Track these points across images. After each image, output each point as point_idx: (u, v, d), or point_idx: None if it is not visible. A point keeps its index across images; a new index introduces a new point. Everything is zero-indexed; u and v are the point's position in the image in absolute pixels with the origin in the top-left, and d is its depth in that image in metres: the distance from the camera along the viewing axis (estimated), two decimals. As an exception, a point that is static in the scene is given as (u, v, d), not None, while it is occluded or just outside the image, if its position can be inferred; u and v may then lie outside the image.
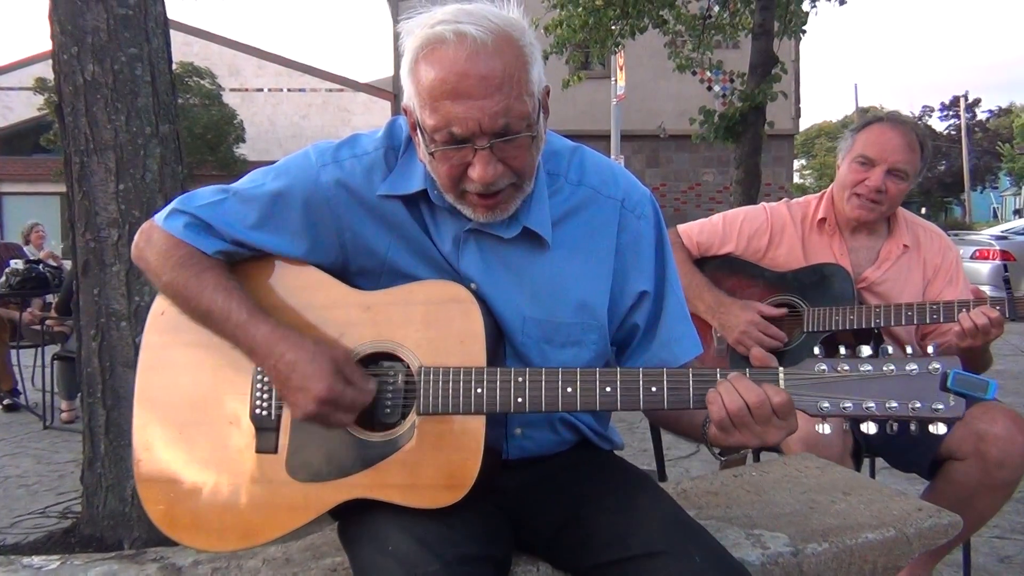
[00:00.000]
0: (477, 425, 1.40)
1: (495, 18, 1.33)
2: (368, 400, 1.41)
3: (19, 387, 6.81)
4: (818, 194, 2.68)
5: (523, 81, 1.33)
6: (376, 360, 1.47)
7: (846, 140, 2.56)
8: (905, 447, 2.35)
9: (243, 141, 20.70)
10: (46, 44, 3.22)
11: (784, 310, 2.54)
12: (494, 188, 1.37)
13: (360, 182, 1.50)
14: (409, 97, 1.38)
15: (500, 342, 1.51)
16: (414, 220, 1.51)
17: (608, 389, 1.38)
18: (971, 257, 11.49)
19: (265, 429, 1.48)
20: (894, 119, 2.49)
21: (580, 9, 11.17)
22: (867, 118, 2.57)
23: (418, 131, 1.39)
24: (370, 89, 23.73)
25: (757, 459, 2.63)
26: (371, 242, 1.52)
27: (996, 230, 14.49)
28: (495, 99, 1.29)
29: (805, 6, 11.84)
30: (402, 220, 1.51)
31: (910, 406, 1.29)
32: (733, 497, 1.91)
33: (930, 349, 1.33)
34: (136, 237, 1.56)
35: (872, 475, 2.83)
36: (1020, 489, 2.34)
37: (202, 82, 19.78)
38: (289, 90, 23.41)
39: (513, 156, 1.36)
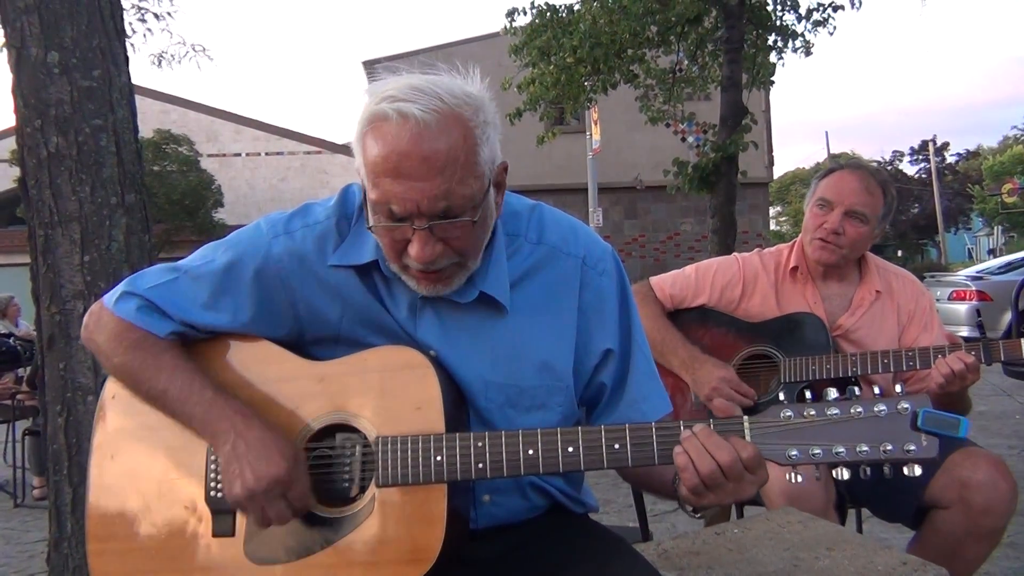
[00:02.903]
0: (439, 494, 1.36)
1: (447, 96, 1.28)
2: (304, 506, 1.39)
3: (-11, 464, 6.64)
4: (790, 243, 2.69)
5: (469, 163, 1.29)
6: (332, 432, 1.42)
7: (811, 188, 2.61)
8: (889, 496, 2.31)
9: (221, 206, 20.70)
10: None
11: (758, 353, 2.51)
12: (434, 267, 1.34)
13: (311, 252, 1.47)
14: (359, 166, 1.36)
15: (461, 408, 1.46)
16: (367, 290, 1.47)
17: (570, 449, 1.33)
18: (948, 298, 11.53)
19: (221, 512, 1.43)
20: (853, 165, 2.57)
21: (552, 67, 11.35)
22: (829, 166, 2.63)
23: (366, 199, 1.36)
24: (348, 150, 23.69)
25: (741, 514, 2.58)
26: (324, 312, 1.48)
27: (972, 270, 14.60)
28: (436, 182, 1.26)
29: (772, 58, 12.11)
30: (355, 290, 1.47)
31: (881, 448, 1.26)
32: (715, 557, 1.85)
33: (897, 389, 1.30)
34: (85, 319, 1.53)
35: (859, 527, 2.77)
36: (1010, 533, 2.29)
37: (180, 149, 19.83)
38: (267, 154, 23.50)
39: (455, 237, 1.33)
